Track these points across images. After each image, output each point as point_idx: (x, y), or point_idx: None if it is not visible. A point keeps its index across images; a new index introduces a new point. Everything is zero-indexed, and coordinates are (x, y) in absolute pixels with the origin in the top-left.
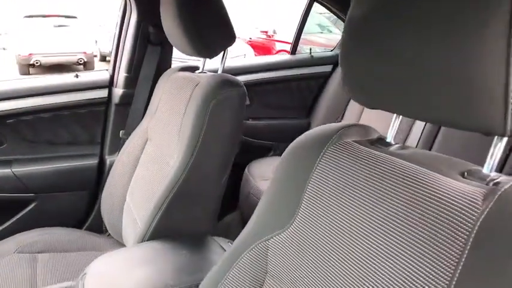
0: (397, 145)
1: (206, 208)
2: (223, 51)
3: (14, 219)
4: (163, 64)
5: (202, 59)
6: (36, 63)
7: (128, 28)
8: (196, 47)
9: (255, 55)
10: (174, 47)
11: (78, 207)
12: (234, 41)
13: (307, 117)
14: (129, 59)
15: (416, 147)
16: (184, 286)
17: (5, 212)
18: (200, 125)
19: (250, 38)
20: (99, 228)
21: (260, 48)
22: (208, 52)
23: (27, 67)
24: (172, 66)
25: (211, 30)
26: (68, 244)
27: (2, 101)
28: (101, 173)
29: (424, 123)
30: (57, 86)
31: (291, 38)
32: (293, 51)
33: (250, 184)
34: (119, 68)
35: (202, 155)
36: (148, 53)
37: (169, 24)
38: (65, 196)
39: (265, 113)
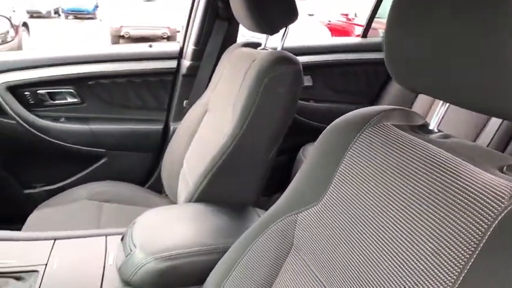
0: (439, 133)
1: (250, 180)
2: (284, 28)
3: (88, 170)
4: (229, 39)
5: (265, 36)
6: (126, 34)
7: (199, 2)
8: (258, 23)
9: None
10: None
11: (142, 167)
12: (296, 18)
13: (370, 105)
14: (197, 32)
15: (488, 146)
16: (218, 247)
17: (81, 163)
18: (252, 100)
19: (329, 21)
20: (159, 188)
21: (338, 31)
22: (269, 28)
23: (118, 38)
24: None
25: (274, 7)
26: (130, 198)
27: (87, 64)
28: (164, 138)
29: (501, 121)
30: (133, 55)
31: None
32: (364, 34)
33: None
34: (188, 40)
35: (251, 130)
36: (216, 27)
37: None
38: (132, 155)
39: (327, 96)
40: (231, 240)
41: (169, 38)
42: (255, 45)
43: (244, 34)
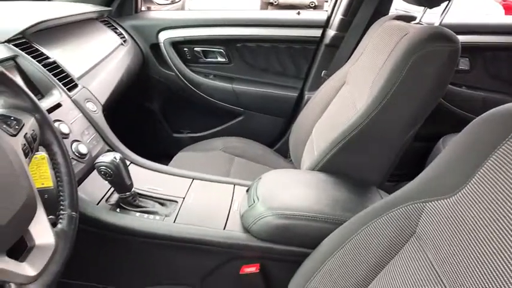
0: None
1: (379, 160)
2: (447, 2)
3: (226, 125)
4: (381, 11)
5: (422, 10)
6: (275, 2)
7: None
8: None
9: None
10: None
11: (273, 129)
12: None
13: None
14: (348, 1)
15: None
16: (335, 218)
17: (221, 118)
18: (395, 77)
19: None
20: (285, 152)
21: None
22: (428, 0)
23: (266, 5)
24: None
25: None
26: (259, 157)
27: (237, 27)
28: (297, 105)
29: None
30: (279, 21)
31: None
32: None
33: None
34: (337, 10)
35: (388, 108)
36: None
37: None
38: (266, 118)
39: (485, 84)
40: (349, 214)
41: (315, 8)
42: (409, 18)
43: (397, 8)
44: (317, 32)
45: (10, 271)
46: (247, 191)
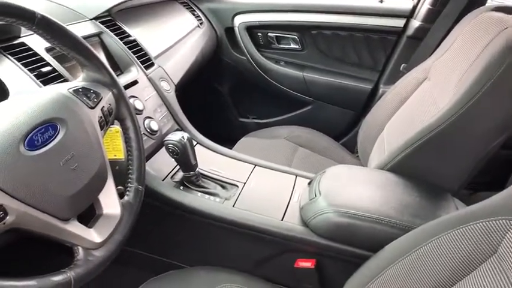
0: None
1: (457, 165)
2: None
3: (293, 113)
4: (477, 1)
5: None
6: None
7: None
8: None
9: None
10: None
11: (341, 122)
12: None
13: None
14: None
15: None
16: (402, 223)
17: (289, 106)
18: (488, 75)
19: None
20: (351, 147)
21: None
22: None
23: None
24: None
25: None
26: (323, 149)
27: (313, 13)
28: (371, 98)
29: None
30: (358, 8)
31: None
32: None
33: None
34: None
35: (476, 110)
36: None
37: None
38: (335, 109)
39: None
40: (418, 221)
41: None
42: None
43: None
44: (399, 22)
45: (79, 235)
46: (309, 183)
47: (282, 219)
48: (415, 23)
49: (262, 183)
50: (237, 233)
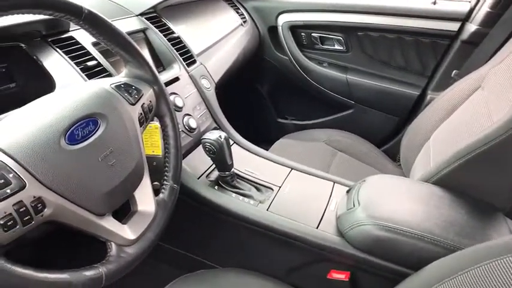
0: None
1: (511, 184)
2: None
3: (333, 116)
4: None
5: None
6: None
7: None
8: None
9: None
10: None
11: (384, 128)
12: None
13: None
14: None
15: None
16: (447, 242)
17: (329, 108)
18: None
19: None
20: (393, 154)
21: None
22: None
23: None
24: None
25: None
26: (363, 155)
27: (359, 14)
28: (417, 105)
29: None
30: (408, 10)
31: None
32: None
33: None
34: (483, 1)
35: None
36: None
37: None
38: (377, 114)
39: None
40: (465, 241)
41: None
42: None
43: None
44: (454, 26)
45: (113, 231)
46: (347, 191)
47: (317, 228)
48: (471, 27)
49: (298, 188)
50: (270, 238)
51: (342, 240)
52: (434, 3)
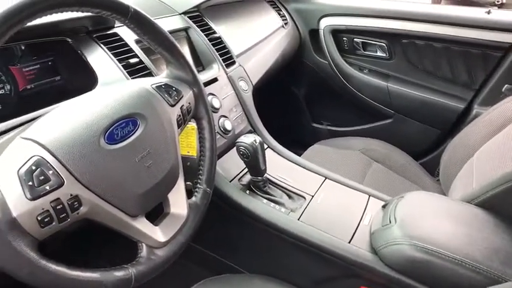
0: None
1: None
2: None
3: (371, 125)
4: None
5: None
6: None
7: None
8: None
9: None
10: None
11: (424, 141)
12: None
13: None
14: None
15: None
16: (490, 271)
17: (367, 116)
18: None
19: None
20: (432, 169)
21: None
22: None
23: None
24: None
25: None
26: (400, 167)
27: (405, 21)
28: (461, 119)
29: None
30: (458, 19)
31: None
32: None
33: None
34: None
35: None
36: None
37: None
38: (418, 126)
39: None
40: (511, 271)
41: (502, 6)
42: None
43: None
44: (508, 37)
45: (145, 233)
46: (383, 206)
47: (349, 242)
48: None
49: (331, 199)
50: (299, 248)
51: (375, 257)
52: (489, 12)
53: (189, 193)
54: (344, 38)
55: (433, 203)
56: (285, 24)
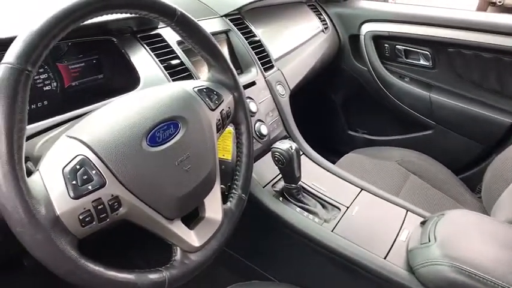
0: None
1: None
2: None
3: (409, 135)
4: None
5: None
6: (499, 2)
7: None
8: None
9: None
10: None
11: (465, 155)
12: None
13: None
14: None
15: None
16: None
17: (406, 126)
18: None
19: None
20: (473, 185)
21: None
22: None
23: (487, 4)
24: None
25: None
26: (439, 182)
27: (450, 29)
28: (508, 134)
29: None
30: (508, 27)
31: None
32: None
33: None
34: None
35: None
36: None
37: None
38: (460, 139)
39: None
40: None
41: None
42: None
43: None
44: None
45: (181, 237)
46: (422, 223)
47: (384, 258)
48: None
49: (367, 212)
50: (331, 260)
51: (412, 276)
52: None
53: (222, 196)
54: (386, 45)
55: (476, 223)
56: (325, 28)
